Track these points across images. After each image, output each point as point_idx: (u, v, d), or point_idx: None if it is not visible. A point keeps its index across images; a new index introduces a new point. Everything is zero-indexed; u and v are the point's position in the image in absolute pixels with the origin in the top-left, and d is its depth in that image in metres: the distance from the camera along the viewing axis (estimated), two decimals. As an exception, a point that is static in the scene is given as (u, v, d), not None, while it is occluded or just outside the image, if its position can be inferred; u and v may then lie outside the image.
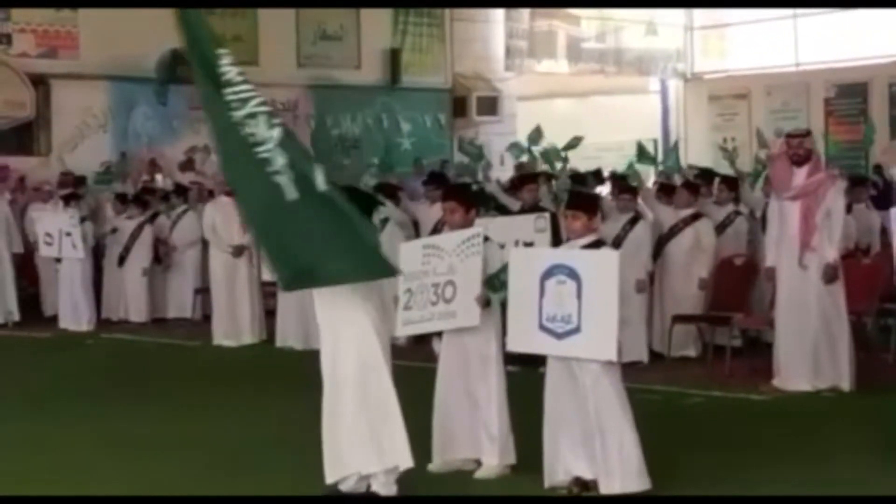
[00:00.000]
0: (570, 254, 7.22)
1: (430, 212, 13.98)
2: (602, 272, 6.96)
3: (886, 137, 21.60)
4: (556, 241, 10.54)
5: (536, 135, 17.01)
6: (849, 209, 11.60)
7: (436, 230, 12.82)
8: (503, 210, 13.20)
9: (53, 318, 15.95)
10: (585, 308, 6.94)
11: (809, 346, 10.20)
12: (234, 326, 14.05)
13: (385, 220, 12.46)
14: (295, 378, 8.06)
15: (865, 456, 8.08)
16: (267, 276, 13.84)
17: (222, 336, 14.03)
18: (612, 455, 7.02)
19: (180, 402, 10.47)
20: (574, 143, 16.36)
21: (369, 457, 7.03)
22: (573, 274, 7.00)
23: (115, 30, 18.41)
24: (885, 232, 12.12)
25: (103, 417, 9.82)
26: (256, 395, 10.71)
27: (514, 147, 18.19)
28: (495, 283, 7.56)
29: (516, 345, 7.39)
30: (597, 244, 7.27)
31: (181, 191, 16.87)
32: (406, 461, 7.02)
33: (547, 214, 11.39)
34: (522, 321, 7.25)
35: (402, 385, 7.11)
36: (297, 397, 7.59)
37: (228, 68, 6.79)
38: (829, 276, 10.11)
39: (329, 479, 7.08)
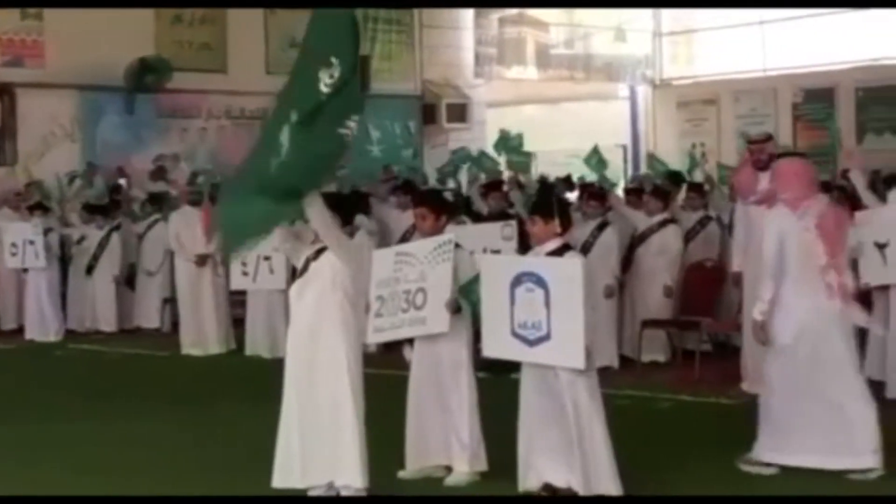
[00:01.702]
0: (537, 262, 7.23)
1: (402, 218, 14.00)
2: (567, 280, 6.98)
3: (853, 142, 21.74)
4: (524, 248, 10.55)
5: (517, 140, 17.11)
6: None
7: (406, 237, 12.87)
8: (478, 216, 13.24)
9: (15, 331, 15.84)
10: (554, 316, 6.97)
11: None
12: (201, 336, 14.01)
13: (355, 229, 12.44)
14: (265, 387, 8.02)
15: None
16: (235, 284, 13.83)
17: (189, 345, 13.98)
18: (588, 460, 7.02)
19: (149, 412, 10.42)
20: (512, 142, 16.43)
21: (333, 469, 7.05)
22: (541, 282, 7.03)
23: (82, 38, 18.34)
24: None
25: (74, 428, 9.79)
26: (227, 404, 10.69)
27: (460, 153, 18.23)
28: (471, 294, 7.56)
29: (491, 350, 7.40)
30: (562, 249, 7.26)
31: (154, 199, 16.79)
32: (357, 481, 7.01)
33: (513, 222, 11.41)
34: (496, 328, 7.27)
35: (372, 393, 7.12)
36: (267, 406, 7.57)
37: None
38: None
39: (276, 483, 7.09)
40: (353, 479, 7.00)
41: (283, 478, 7.13)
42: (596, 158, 15.36)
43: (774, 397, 7.82)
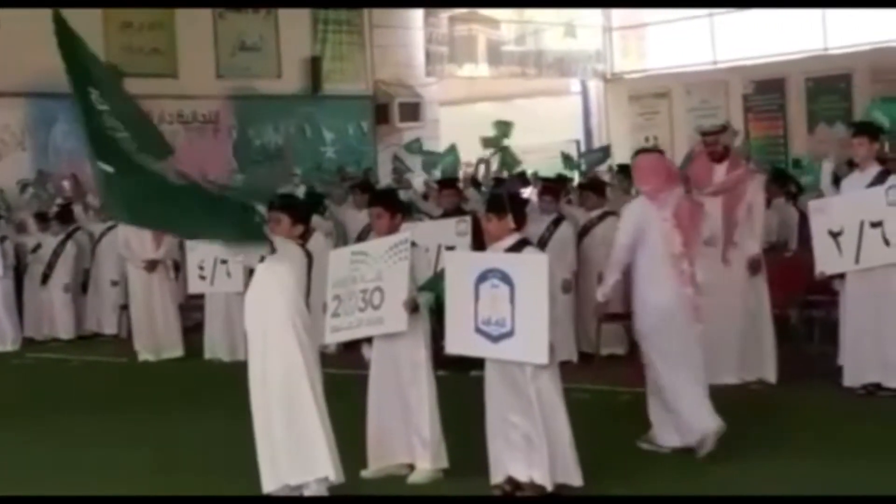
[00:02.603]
0: (503, 258, 7.26)
1: (358, 217, 14.00)
2: (533, 277, 7.03)
3: (804, 132, 21.93)
4: (478, 244, 10.56)
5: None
6: (768, 203, 11.73)
7: (362, 236, 12.86)
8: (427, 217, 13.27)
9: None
10: (518, 312, 7.02)
11: (735, 339, 10.31)
12: (154, 341, 13.92)
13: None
14: (224, 390, 8.02)
15: (794, 445, 8.24)
16: (193, 288, 13.78)
17: (144, 351, 13.89)
18: (552, 451, 7.08)
19: (113, 418, 10.37)
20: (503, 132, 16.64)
21: (295, 468, 7.04)
22: (506, 278, 7.08)
23: (30, 45, 18.09)
24: (804, 226, 12.29)
25: (33, 436, 9.73)
26: (191, 408, 10.66)
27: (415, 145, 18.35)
28: (437, 286, 7.57)
29: (454, 347, 7.43)
30: (520, 245, 7.32)
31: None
32: (329, 472, 7.01)
33: (468, 218, 11.42)
34: (459, 324, 7.31)
35: (333, 392, 7.13)
36: (228, 409, 7.57)
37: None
38: (753, 268, 10.24)
39: (266, 488, 7.08)
40: (325, 470, 6.99)
41: (271, 480, 7.12)
42: (571, 162, 15.66)
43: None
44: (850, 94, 22.13)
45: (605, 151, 19.67)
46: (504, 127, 18.05)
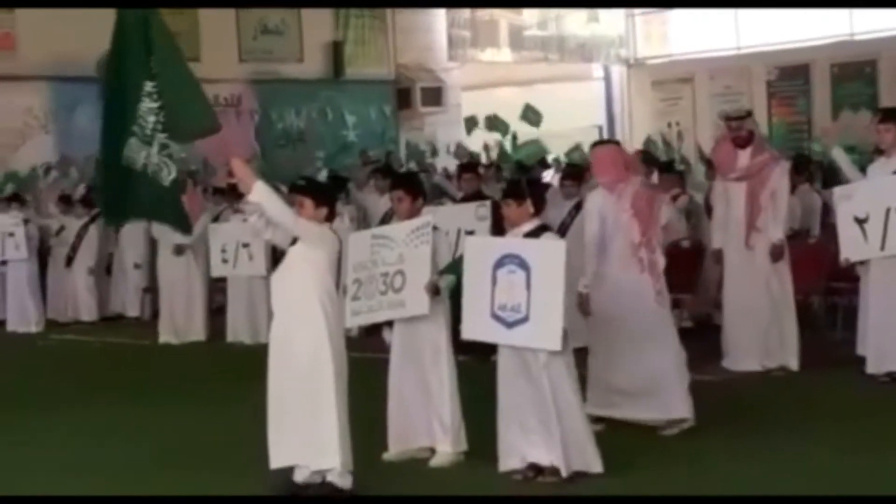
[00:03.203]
0: (521, 243, 7.26)
1: (380, 202, 13.99)
2: (549, 262, 7.04)
3: (828, 118, 21.81)
4: (498, 229, 10.54)
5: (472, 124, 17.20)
6: (792, 190, 11.68)
7: (385, 220, 12.85)
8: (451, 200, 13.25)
9: (-1, 323, 15.84)
10: (534, 298, 7.02)
11: (757, 326, 10.27)
12: (180, 324, 13.96)
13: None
14: (249, 373, 8.02)
15: (815, 433, 8.20)
16: (215, 272, 13.81)
17: (169, 334, 13.94)
18: (567, 438, 7.08)
19: (135, 401, 10.39)
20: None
21: (306, 452, 7.04)
22: (523, 264, 7.08)
23: (54, 29, 18.24)
24: (828, 212, 12.24)
25: (56, 418, 9.78)
26: (213, 391, 10.71)
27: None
28: (459, 273, 7.57)
29: (469, 332, 7.43)
30: (539, 231, 7.33)
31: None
32: (337, 463, 6.99)
33: (488, 203, 11.40)
34: (476, 309, 7.31)
35: (354, 376, 7.12)
36: (250, 392, 7.57)
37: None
38: (776, 255, 10.19)
39: (274, 463, 7.09)
40: (334, 460, 6.99)
41: (277, 458, 7.11)
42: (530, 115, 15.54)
43: (599, 360, 8.42)
44: (876, 81, 22.00)
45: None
46: (532, 116, 17.82)
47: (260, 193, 6.92)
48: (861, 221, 9.80)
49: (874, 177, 10.08)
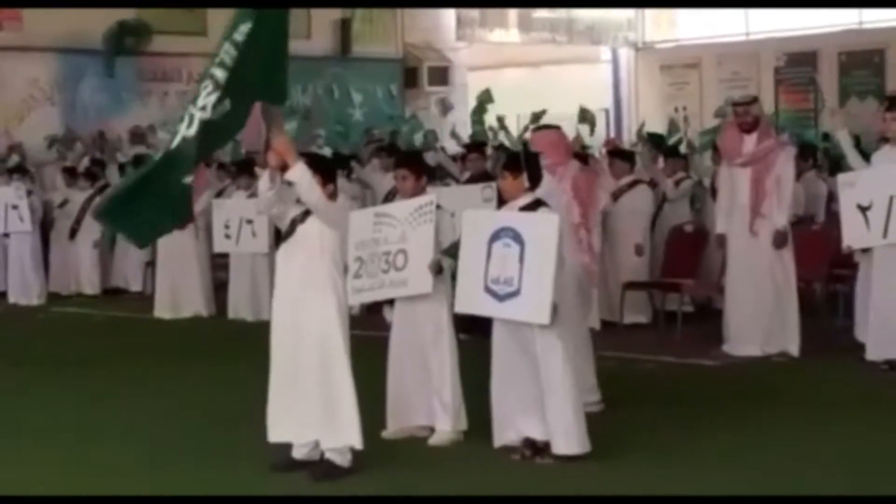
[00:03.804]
0: (516, 217, 7.29)
1: (384, 180, 13.98)
2: (543, 237, 7.06)
3: (835, 106, 21.76)
4: (503, 210, 10.58)
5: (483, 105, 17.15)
6: (798, 177, 11.67)
7: (388, 198, 12.84)
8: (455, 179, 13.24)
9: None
10: (526, 272, 7.05)
11: (759, 311, 10.28)
12: (177, 299, 13.94)
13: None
14: (250, 348, 8.03)
15: (814, 419, 8.21)
16: (218, 247, 13.80)
17: (164, 309, 13.90)
18: (559, 415, 7.10)
19: (135, 375, 10.41)
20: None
21: (322, 430, 7.03)
22: (518, 238, 7.11)
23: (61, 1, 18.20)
24: (833, 200, 12.22)
25: (56, 391, 9.79)
26: (213, 366, 10.73)
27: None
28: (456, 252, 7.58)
29: (463, 306, 7.47)
30: (534, 205, 7.34)
31: (139, 162, 16.66)
32: (356, 442, 7.00)
33: (494, 184, 11.37)
34: (470, 282, 7.34)
35: (355, 354, 7.12)
36: (253, 367, 7.58)
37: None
38: (779, 241, 10.19)
39: (272, 437, 7.09)
40: (352, 439, 6.99)
41: (277, 432, 7.12)
42: (588, 118, 15.57)
43: None
44: (883, 70, 21.96)
45: None
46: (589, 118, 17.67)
47: (301, 174, 6.93)
48: (864, 209, 9.80)
49: (878, 165, 10.07)
